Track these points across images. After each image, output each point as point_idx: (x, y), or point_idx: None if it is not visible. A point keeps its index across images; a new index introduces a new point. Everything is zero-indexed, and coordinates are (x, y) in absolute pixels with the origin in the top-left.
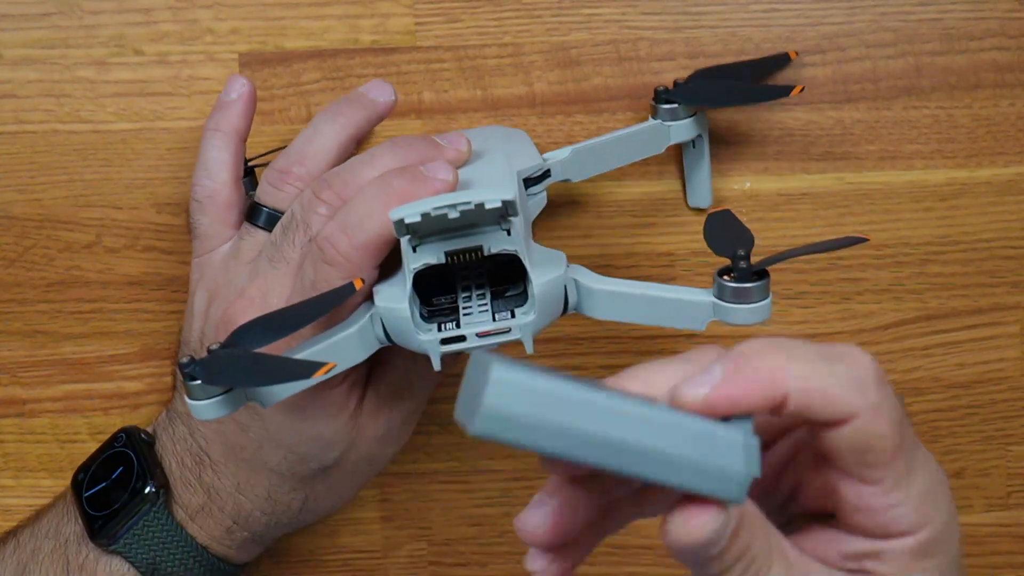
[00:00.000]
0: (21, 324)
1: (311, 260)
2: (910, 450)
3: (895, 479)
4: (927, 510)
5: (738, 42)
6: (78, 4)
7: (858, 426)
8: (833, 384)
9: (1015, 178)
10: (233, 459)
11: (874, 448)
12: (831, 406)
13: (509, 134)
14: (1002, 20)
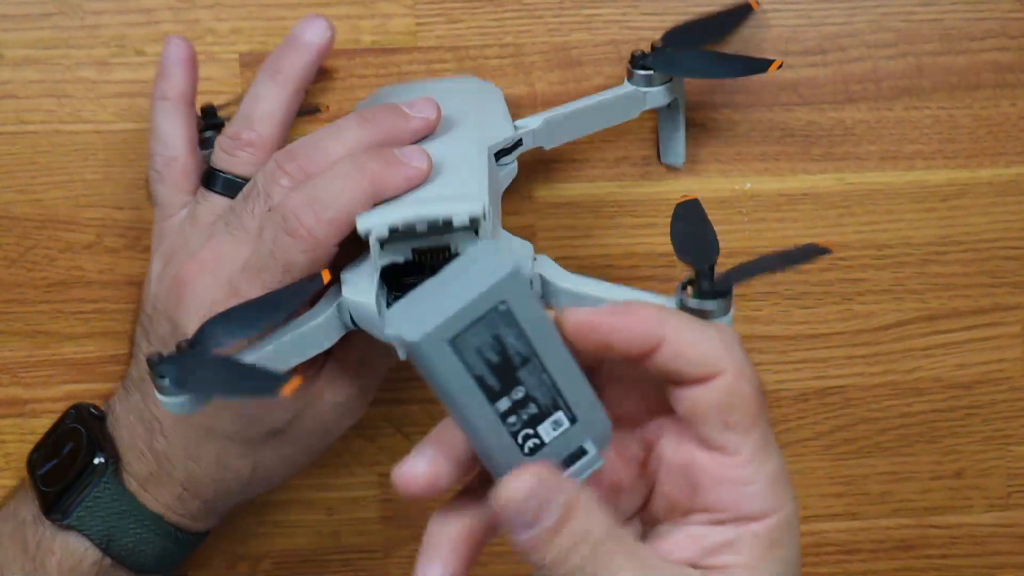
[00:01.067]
0: (22, 324)
1: (272, 229)
2: (766, 430)
3: (751, 452)
4: (778, 495)
5: (738, 42)
6: (79, 5)
7: (724, 382)
8: (704, 340)
9: (1016, 178)
10: (183, 423)
11: (736, 409)
12: (701, 359)
13: (483, 93)
14: (1003, 20)
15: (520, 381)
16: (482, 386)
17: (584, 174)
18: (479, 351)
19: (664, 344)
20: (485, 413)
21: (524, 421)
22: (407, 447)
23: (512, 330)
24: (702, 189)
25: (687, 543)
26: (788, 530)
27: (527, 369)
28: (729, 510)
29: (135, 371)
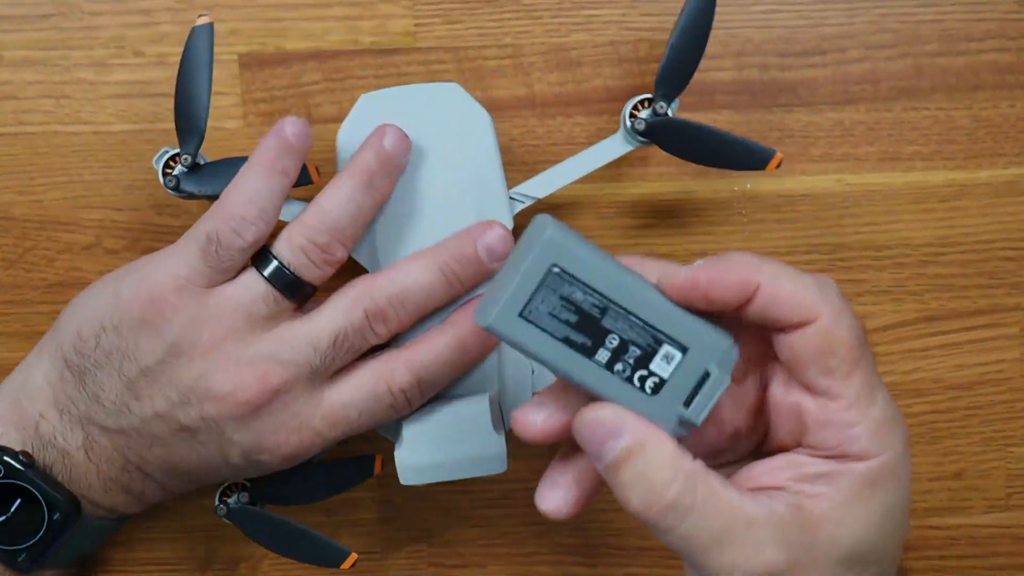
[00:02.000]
0: (21, 325)
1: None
2: (870, 374)
3: (854, 396)
4: (883, 439)
5: (738, 43)
6: (78, 5)
7: (820, 327)
8: (800, 286)
9: (1015, 179)
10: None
11: (835, 353)
12: (797, 303)
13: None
14: (1002, 21)
15: (609, 330)
16: (573, 346)
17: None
18: (554, 315)
19: (760, 291)
20: (589, 369)
21: (632, 365)
22: None
23: (576, 287)
24: (702, 189)
25: (785, 466)
26: (891, 475)
27: (611, 317)
28: (833, 450)
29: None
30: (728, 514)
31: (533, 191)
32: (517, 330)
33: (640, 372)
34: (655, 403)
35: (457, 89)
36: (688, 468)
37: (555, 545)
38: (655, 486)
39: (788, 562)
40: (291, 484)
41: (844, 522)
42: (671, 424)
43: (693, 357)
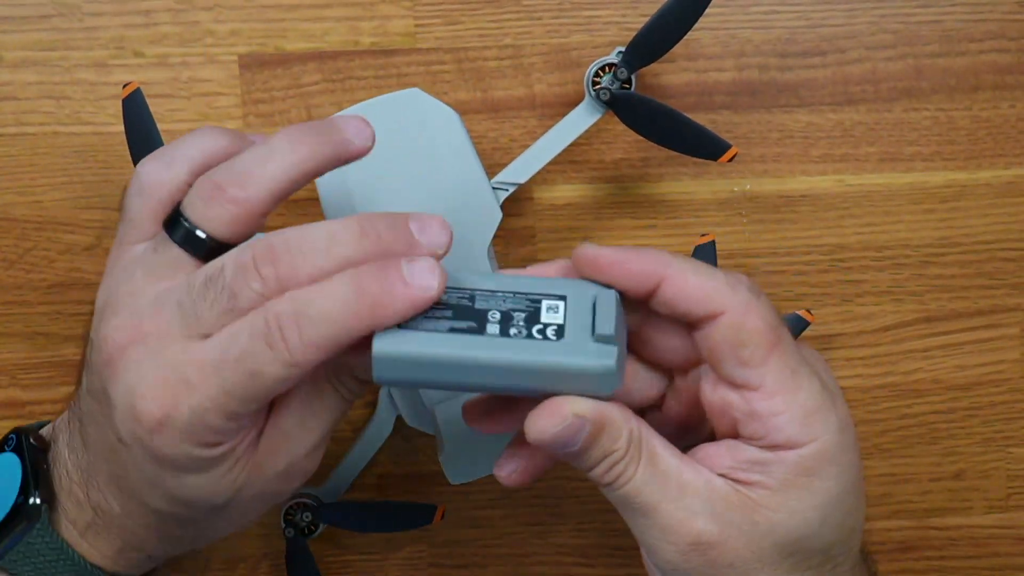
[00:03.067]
0: (21, 326)
1: (248, 333)
2: (790, 361)
3: (774, 384)
4: (812, 426)
5: (738, 44)
6: (78, 6)
7: (728, 319)
8: (705, 280)
9: (1015, 180)
10: (117, 488)
11: (746, 342)
12: (701, 297)
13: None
14: (1002, 22)
15: (486, 309)
16: (462, 331)
17: (583, 175)
18: (429, 317)
19: (664, 283)
20: (487, 344)
21: (524, 325)
22: (406, 449)
23: None
24: (702, 190)
25: (725, 452)
26: (827, 461)
27: (481, 299)
28: (763, 440)
29: (84, 405)
30: (664, 478)
31: (514, 177)
32: (403, 341)
33: (536, 327)
34: (566, 344)
35: (419, 94)
36: (632, 432)
37: (555, 546)
38: (614, 455)
39: (719, 536)
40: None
41: (780, 509)
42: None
43: (575, 299)
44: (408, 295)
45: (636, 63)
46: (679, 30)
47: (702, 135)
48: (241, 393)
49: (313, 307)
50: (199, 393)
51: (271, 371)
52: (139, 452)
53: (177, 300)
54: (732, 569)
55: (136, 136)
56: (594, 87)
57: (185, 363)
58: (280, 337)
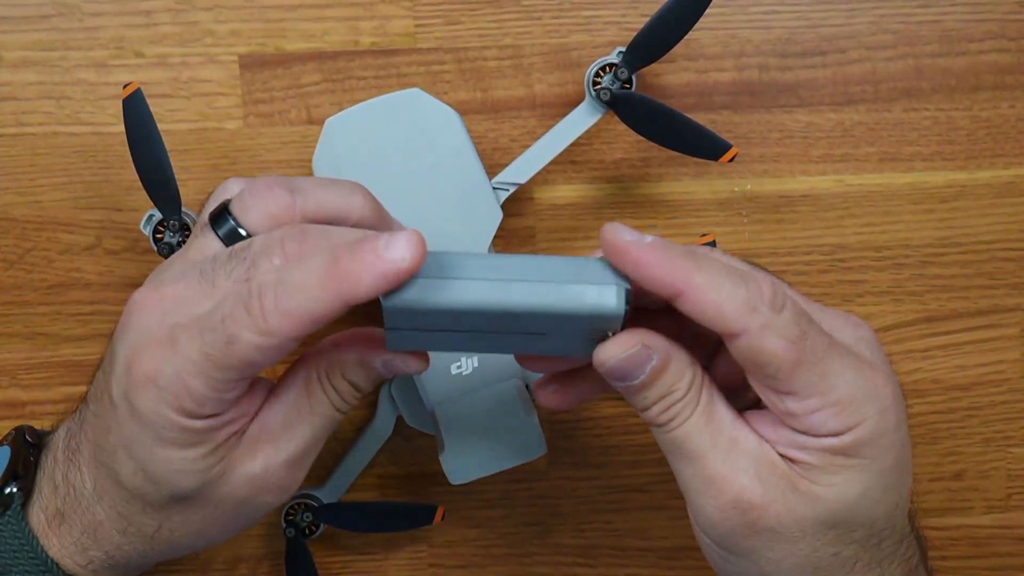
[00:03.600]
0: (21, 326)
1: (233, 297)
2: (820, 362)
3: (807, 389)
4: (850, 416)
5: (738, 44)
6: (78, 6)
7: (747, 342)
8: (726, 300)
9: (1015, 180)
10: (95, 461)
11: (767, 364)
12: (719, 318)
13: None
14: (1002, 22)
15: None
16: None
17: (584, 175)
18: None
19: (684, 298)
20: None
21: None
22: (406, 449)
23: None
24: (702, 190)
25: (770, 429)
26: (868, 444)
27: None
28: (804, 431)
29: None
30: (717, 429)
31: (514, 177)
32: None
33: None
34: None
35: (419, 94)
36: (696, 375)
37: (555, 546)
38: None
39: (763, 499)
40: (352, 513)
41: (820, 483)
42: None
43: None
44: (378, 266)
45: (636, 63)
46: (679, 30)
47: (702, 135)
48: (219, 358)
49: (291, 276)
50: (183, 355)
51: (246, 337)
52: (124, 412)
53: (200, 269)
54: (773, 534)
55: (136, 137)
56: (594, 87)
57: (181, 325)
58: (258, 304)
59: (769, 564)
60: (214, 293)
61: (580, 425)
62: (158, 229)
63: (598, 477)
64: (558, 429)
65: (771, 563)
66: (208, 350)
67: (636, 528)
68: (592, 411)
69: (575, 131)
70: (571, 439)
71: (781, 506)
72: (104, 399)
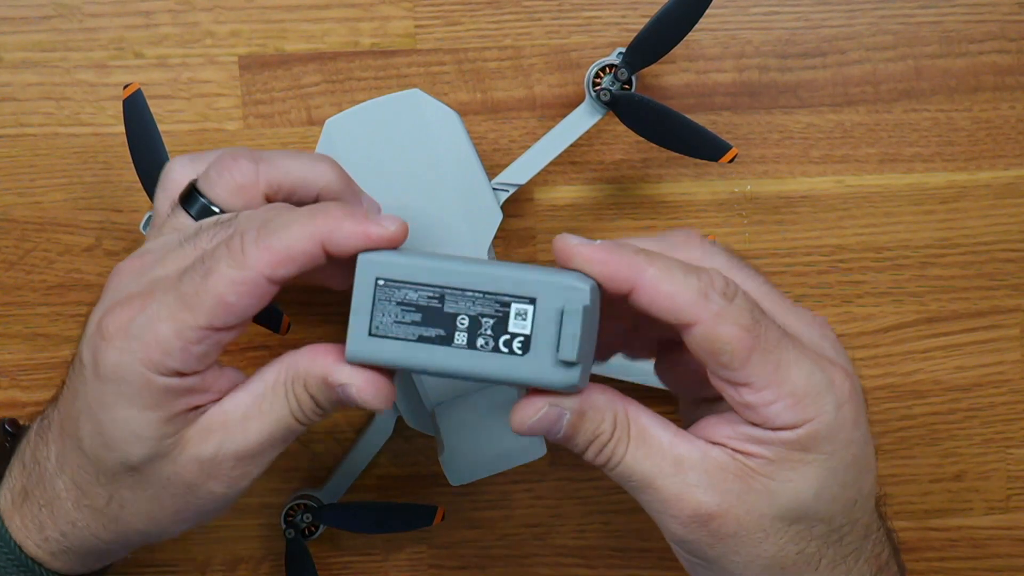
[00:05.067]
0: (21, 327)
1: (215, 241)
2: (773, 351)
3: (762, 379)
4: (806, 409)
5: (738, 45)
6: (78, 7)
7: (701, 331)
8: (679, 290)
9: (1015, 181)
10: (61, 430)
11: (721, 352)
12: (672, 308)
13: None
14: (1002, 23)
15: (454, 313)
16: (430, 340)
17: (584, 176)
18: (399, 322)
19: (636, 291)
20: (454, 356)
21: (491, 335)
22: (407, 449)
23: (406, 288)
24: (702, 191)
25: (725, 424)
26: (824, 439)
27: (451, 300)
28: (761, 424)
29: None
30: (656, 454)
31: (514, 178)
32: (374, 349)
33: (503, 338)
34: (531, 360)
35: (419, 95)
36: (617, 414)
37: (555, 547)
38: (600, 438)
39: (720, 507)
40: (352, 513)
41: (778, 480)
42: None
43: (544, 304)
44: (366, 227)
45: (636, 64)
46: (679, 31)
47: (702, 136)
48: (193, 298)
49: (276, 220)
50: (157, 301)
51: (221, 269)
52: (90, 371)
53: (184, 235)
54: (736, 539)
55: (137, 137)
56: (594, 88)
57: (159, 277)
58: (239, 241)
59: (738, 568)
60: (196, 253)
61: None
62: None
63: (598, 478)
64: None
65: (739, 566)
66: (184, 289)
67: (636, 529)
68: None
69: (575, 132)
70: None
71: (739, 509)
72: (76, 366)
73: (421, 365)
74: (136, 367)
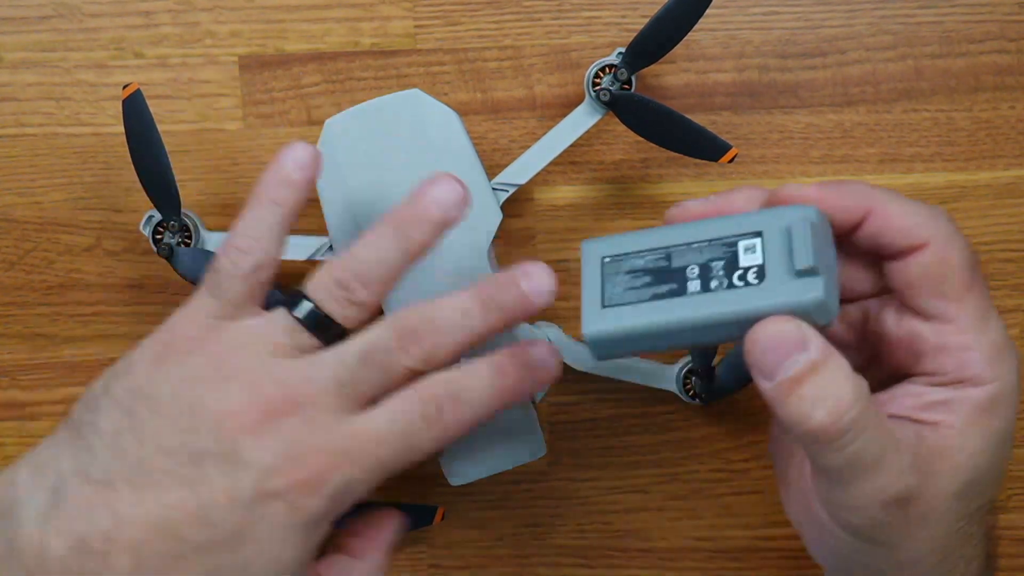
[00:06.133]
0: (21, 327)
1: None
2: (983, 300)
3: (968, 320)
4: (997, 366)
5: (738, 45)
6: (78, 7)
7: (932, 252)
8: (911, 212)
9: (1015, 181)
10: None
11: (947, 276)
12: (907, 228)
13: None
14: (1002, 23)
15: (683, 265)
16: (664, 296)
17: (583, 176)
18: (631, 288)
19: (871, 216)
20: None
21: (724, 274)
22: None
23: (631, 258)
24: (702, 191)
25: (905, 398)
26: (1004, 402)
27: (677, 256)
28: (949, 374)
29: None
30: (888, 436)
31: (514, 178)
32: (611, 319)
33: (736, 273)
34: (768, 284)
35: (419, 95)
36: (863, 385)
37: (555, 547)
38: (840, 402)
39: (918, 489)
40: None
41: (963, 448)
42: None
43: (770, 233)
44: (541, 378)
45: (637, 64)
46: (679, 31)
47: (702, 136)
48: (394, 462)
49: (465, 391)
50: (357, 464)
51: (426, 446)
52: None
53: (333, 375)
54: (923, 520)
55: (136, 138)
56: (594, 88)
57: (344, 435)
58: (438, 417)
59: (909, 552)
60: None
61: (580, 426)
62: (157, 230)
63: (598, 478)
64: (558, 430)
65: (911, 550)
66: (384, 459)
67: (636, 529)
68: (592, 412)
69: (575, 132)
70: (571, 440)
71: (929, 491)
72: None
73: (660, 320)
74: (323, 523)
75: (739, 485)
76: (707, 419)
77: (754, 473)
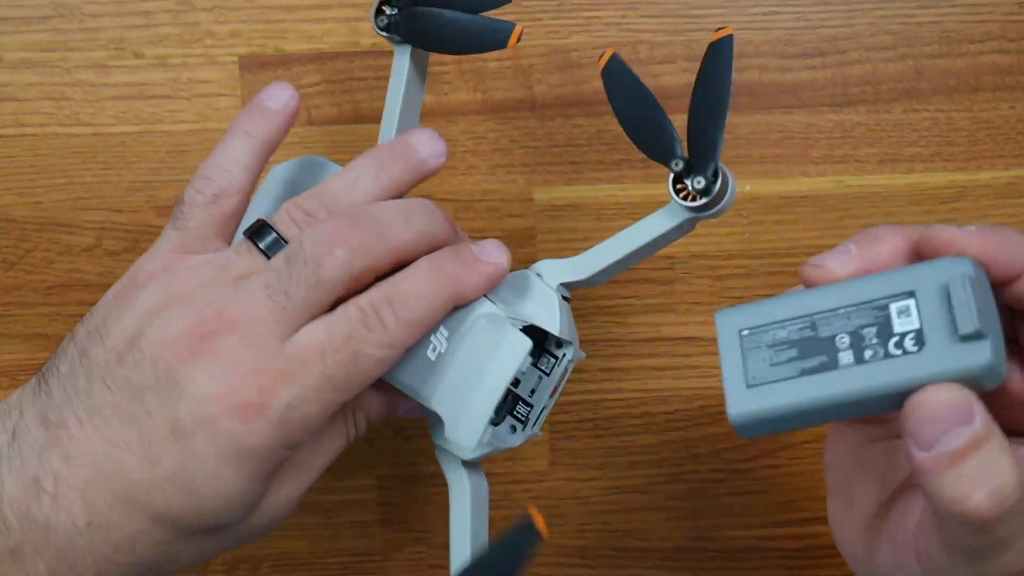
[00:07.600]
0: (21, 327)
1: (348, 319)
2: None
3: None
4: None
5: (738, 45)
6: (78, 7)
7: None
8: None
9: (1015, 181)
10: (103, 490)
11: None
12: None
13: None
14: (1002, 23)
15: (831, 335)
16: (815, 371)
17: (584, 176)
18: (775, 364)
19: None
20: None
21: (879, 342)
22: (407, 449)
23: (771, 329)
24: None
25: None
26: None
27: (823, 324)
28: None
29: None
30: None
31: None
32: (758, 400)
33: (892, 341)
34: (929, 351)
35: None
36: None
37: (555, 547)
38: (1005, 486)
39: None
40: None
41: None
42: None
43: (924, 292)
44: (484, 269)
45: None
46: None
47: (485, 26)
48: (343, 378)
49: (403, 291)
50: (299, 382)
51: (372, 352)
52: (204, 443)
53: (263, 283)
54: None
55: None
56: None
57: (284, 353)
58: (378, 320)
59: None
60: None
61: (580, 426)
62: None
63: (598, 478)
64: (558, 430)
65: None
66: (330, 372)
67: (636, 529)
68: (592, 412)
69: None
70: (571, 440)
71: None
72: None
73: (813, 398)
74: (276, 449)
75: (739, 485)
76: (707, 419)
77: (754, 473)
